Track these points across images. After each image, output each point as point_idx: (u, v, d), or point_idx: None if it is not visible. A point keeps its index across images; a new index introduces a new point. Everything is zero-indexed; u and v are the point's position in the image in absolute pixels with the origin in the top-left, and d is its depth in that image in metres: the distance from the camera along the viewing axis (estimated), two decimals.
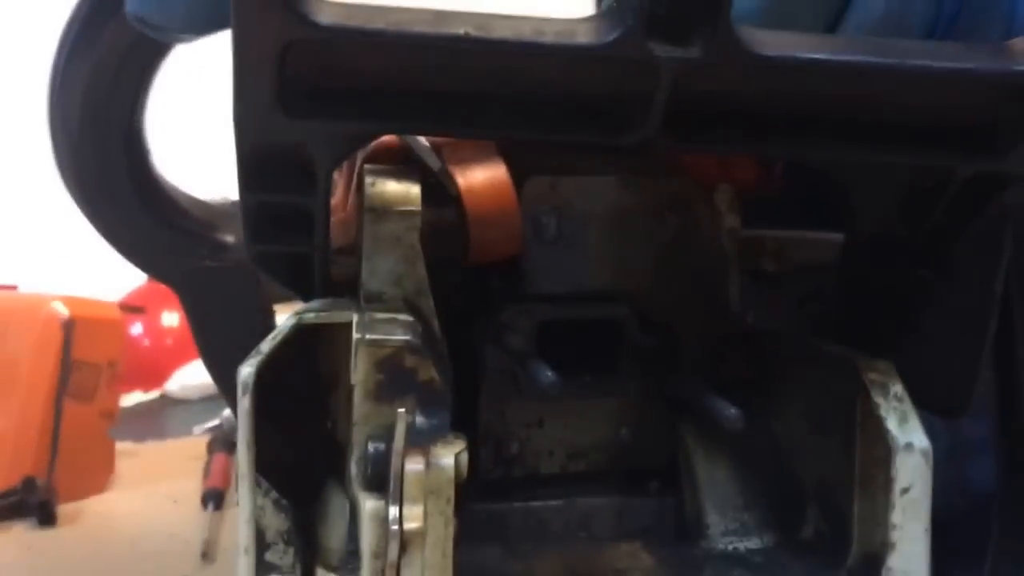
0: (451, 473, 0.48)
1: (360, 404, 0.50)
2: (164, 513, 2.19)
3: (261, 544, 0.51)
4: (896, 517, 0.54)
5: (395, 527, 0.46)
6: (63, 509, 2.27)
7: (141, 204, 0.72)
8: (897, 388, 0.55)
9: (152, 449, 2.87)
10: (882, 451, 0.55)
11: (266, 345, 0.51)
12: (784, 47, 0.44)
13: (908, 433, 0.54)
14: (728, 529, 0.61)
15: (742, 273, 0.68)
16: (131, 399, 3.36)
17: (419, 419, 0.50)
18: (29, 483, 2.33)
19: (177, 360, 3.66)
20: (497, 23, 0.43)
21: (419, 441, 0.48)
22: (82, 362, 2.56)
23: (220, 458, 1.66)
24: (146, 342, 3.81)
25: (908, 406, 0.55)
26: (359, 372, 0.50)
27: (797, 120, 0.49)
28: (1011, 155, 0.49)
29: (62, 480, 2.40)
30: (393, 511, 0.46)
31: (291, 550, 0.52)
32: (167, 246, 0.76)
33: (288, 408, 0.53)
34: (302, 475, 0.53)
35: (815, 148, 0.50)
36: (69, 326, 2.55)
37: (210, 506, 2.02)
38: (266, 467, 0.51)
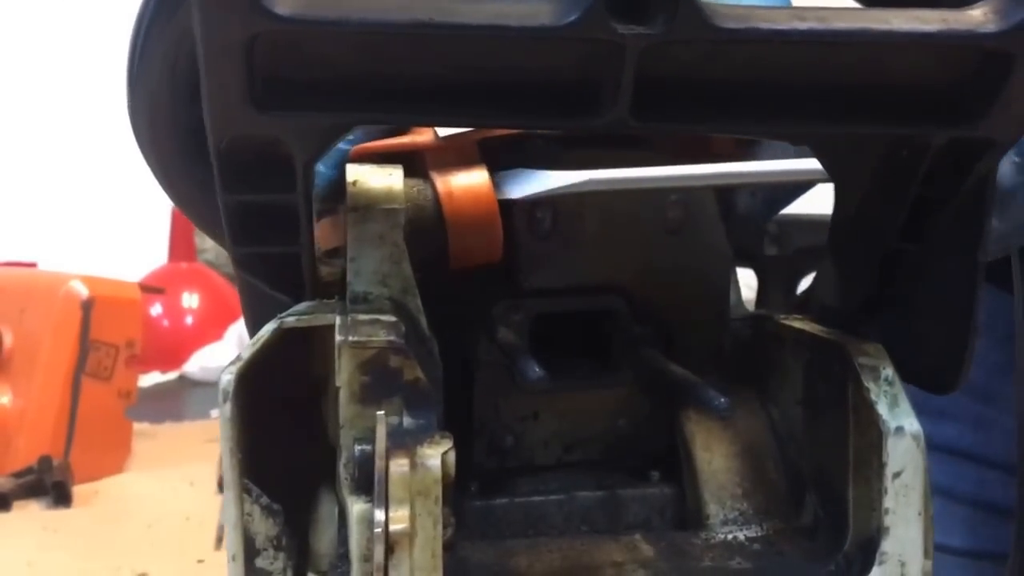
0: (438, 473, 0.48)
1: (346, 406, 0.50)
2: (180, 496, 2.21)
3: (250, 550, 0.52)
4: (889, 501, 0.54)
5: (379, 529, 0.46)
6: (79, 489, 2.30)
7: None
8: (888, 372, 0.55)
9: (169, 431, 2.89)
10: (875, 436, 0.54)
11: (247, 351, 0.51)
12: (747, 19, 0.44)
13: (899, 417, 0.54)
14: (728, 518, 0.61)
15: (740, 258, 0.67)
16: (149, 380, 3.39)
17: (406, 420, 0.50)
18: (45, 462, 2.36)
19: (196, 341, 3.69)
20: (460, 7, 0.43)
21: (405, 442, 0.48)
22: (100, 342, 2.58)
23: None
24: (165, 323, 3.84)
25: (899, 390, 0.55)
26: (343, 374, 0.50)
27: (766, 96, 0.48)
28: (982, 121, 0.48)
29: (78, 460, 2.42)
30: (379, 513, 0.46)
31: (281, 555, 0.52)
32: None
33: (278, 412, 0.53)
34: (293, 480, 0.53)
35: (786, 124, 0.50)
36: (88, 305, 2.58)
37: None
38: (256, 472, 0.51)
